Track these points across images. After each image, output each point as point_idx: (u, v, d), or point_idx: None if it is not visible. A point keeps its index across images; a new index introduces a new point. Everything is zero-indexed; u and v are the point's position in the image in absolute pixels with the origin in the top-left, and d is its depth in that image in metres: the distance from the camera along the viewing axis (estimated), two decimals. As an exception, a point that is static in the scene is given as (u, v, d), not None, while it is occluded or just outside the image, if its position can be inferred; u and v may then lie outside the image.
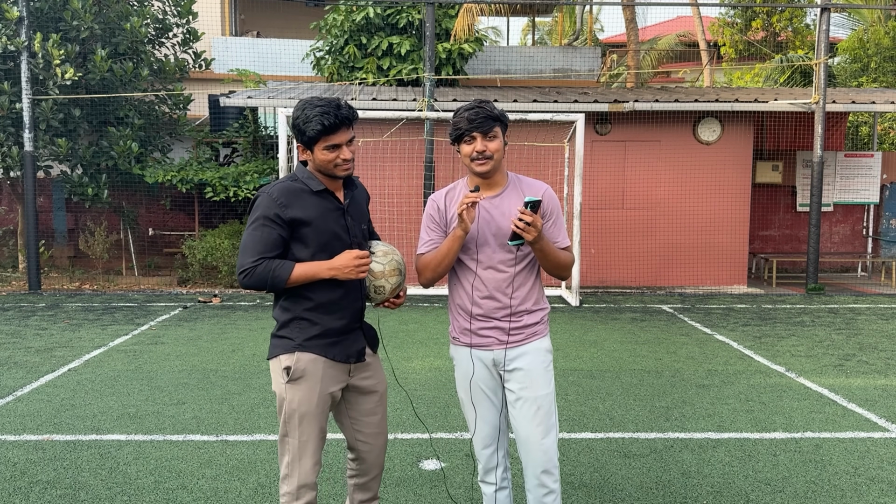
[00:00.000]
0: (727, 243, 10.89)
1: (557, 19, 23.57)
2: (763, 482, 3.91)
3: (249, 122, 12.15)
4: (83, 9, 10.34)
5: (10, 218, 12.50)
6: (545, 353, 2.81)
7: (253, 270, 2.54)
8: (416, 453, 4.29)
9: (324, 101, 2.56)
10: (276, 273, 2.54)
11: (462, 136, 2.69)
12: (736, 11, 19.60)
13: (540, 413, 2.73)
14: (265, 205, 2.57)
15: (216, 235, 10.70)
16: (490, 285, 2.75)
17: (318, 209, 2.62)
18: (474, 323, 2.79)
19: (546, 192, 2.81)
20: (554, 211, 2.80)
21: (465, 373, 2.85)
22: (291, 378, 2.62)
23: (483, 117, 2.66)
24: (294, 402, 2.62)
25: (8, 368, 6.12)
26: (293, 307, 2.65)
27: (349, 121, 2.57)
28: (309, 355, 2.63)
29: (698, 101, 10.40)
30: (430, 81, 10.21)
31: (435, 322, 8.16)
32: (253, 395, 5.41)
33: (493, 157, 2.69)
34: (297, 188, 2.62)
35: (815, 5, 11.42)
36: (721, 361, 6.51)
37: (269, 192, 2.60)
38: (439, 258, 2.73)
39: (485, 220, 2.74)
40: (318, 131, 2.52)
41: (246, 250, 2.57)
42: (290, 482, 2.65)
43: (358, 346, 2.75)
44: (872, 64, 16.83)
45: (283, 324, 2.67)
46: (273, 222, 2.55)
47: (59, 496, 3.69)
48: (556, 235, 2.79)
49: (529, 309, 2.78)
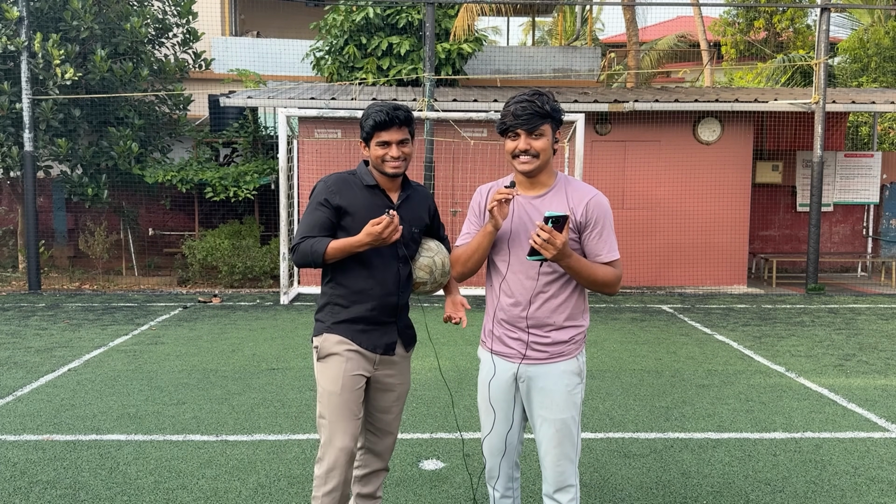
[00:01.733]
0: (727, 243, 10.89)
1: (557, 19, 23.57)
2: (763, 482, 3.91)
3: (249, 122, 12.16)
4: (83, 9, 10.34)
5: (10, 218, 12.50)
6: (571, 375, 2.60)
7: (298, 247, 2.73)
8: (416, 453, 4.29)
9: (385, 102, 2.75)
10: (314, 248, 2.69)
11: (507, 131, 2.52)
12: (738, 11, 19.60)
13: (558, 436, 2.60)
14: (319, 189, 2.79)
15: (216, 235, 10.70)
16: (517, 291, 2.58)
17: (365, 202, 2.77)
18: (500, 328, 2.65)
19: (592, 200, 2.55)
20: (599, 221, 2.54)
21: (484, 377, 2.74)
22: (319, 356, 2.80)
23: (530, 113, 2.46)
24: (322, 380, 2.77)
25: (8, 368, 6.12)
26: (329, 292, 2.84)
27: (402, 121, 2.71)
28: (336, 336, 2.77)
29: (698, 101, 10.40)
30: (429, 81, 10.21)
31: (435, 322, 8.16)
32: (253, 395, 5.41)
33: (539, 156, 2.50)
34: (350, 180, 2.81)
35: (815, 5, 11.41)
36: (721, 361, 6.51)
37: (326, 179, 2.82)
38: (469, 253, 2.62)
39: (522, 221, 2.57)
40: (371, 126, 2.70)
41: (299, 230, 2.79)
42: (321, 464, 2.74)
43: (388, 339, 2.83)
44: (872, 64, 16.82)
45: (321, 307, 2.88)
46: (322, 206, 2.75)
47: (59, 496, 3.69)
48: (599, 249, 2.55)
49: (560, 325, 2.58)
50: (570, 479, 2.64)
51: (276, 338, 7.33)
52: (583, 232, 2.56)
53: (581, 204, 2.55)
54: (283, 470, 4.03)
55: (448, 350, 6.81)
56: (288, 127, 9.47)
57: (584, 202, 2.55)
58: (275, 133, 11.65)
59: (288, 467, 4.07)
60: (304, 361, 6.40)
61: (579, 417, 2.65)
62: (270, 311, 8.87)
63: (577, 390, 2.64)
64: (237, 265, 10.41)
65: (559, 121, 2.55)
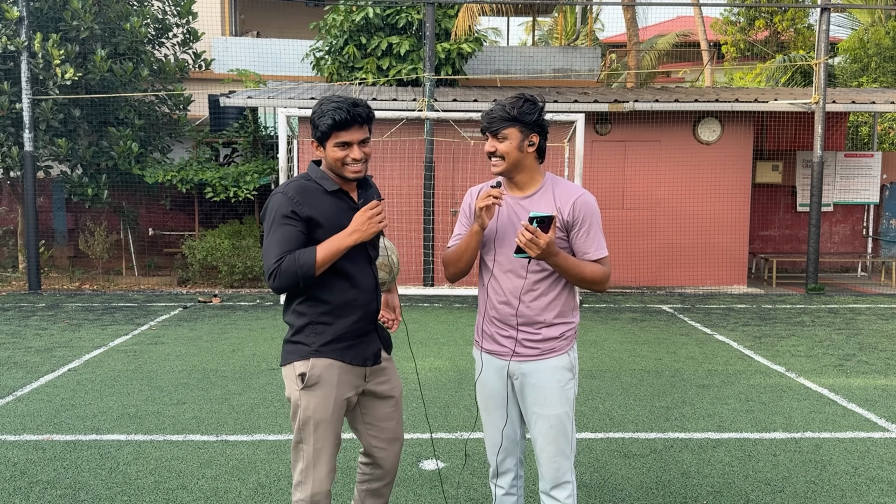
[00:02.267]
0: (727, 243, 10.89)
1: (557, 19, 23.57)
2: (763, 482, 3.91)
3: (249, 122, 12.16)
4: (83, 9, 10.34)
5: (10, 218, 12.50)
6: (563, 371, 2.65)
7: (278, 269, 2.45)
8: (416, 453, 4.29)
9: (341, 98, 2.52)
10: (301, 262, 2.45)
11: (483, 133, 2.66)
12: (739, 10, 19.60)
13: (552, 432, 2.63)
14: (281, 203, 2.51)
15: (216, 235, 10.70)
16: (507, 289, 2.64)
17: (332, 209, 2.56)
18: (491, 327, 2.70)
19: (579, 199, 2.62)
20: (586, 220, 2.61)
21: (481, 378, 2.78)
22: (306, 385, 2.56)
23: (493, 117, 2.59)
24: (309, 408, 2.57)
25: (8, 368, 6.12)
26: (308, 311, 2.58)
27: (363, 119, 2.51)
28: (325, 361, 2.57)
29: (698, 101, 10.40)
30: (429, 81, 10.21)
31: (435, 322, 8.16)
32: (253, 395, 5.41)
33: (504, 158, 2.59)
34: (311, 187, 2.56)
35: (815, 5, 11.41)
36: (721, 361, 6.51)
37: (284, 191, 2.54)
38: (458, 253, 2.67)
39: (509, 221, 2.64)
40: (329, 126, 2.48)
41: (269, 252, 2.49)
42: (303, 489, 2.59)
43: (374, 348, 2.71)
44: (872, 64, 16.82)
45: (298, 329, 2.61)
46: (290, 219, 2.49)
47: (59, 496, 3.69)
48: (587, 247, 2.61)
49: (549, 321, 2.63)
50: (567, 476, 2.68)
51: (276, 338, 7.33)
52: (570, 230, 2.62)
53: (568, 203, 2.62)
54: (283, 470, 4.03)
55: (448, 350, 6.81)
56: (288, 127, 9.47)
57: (571, 201, 2.62)
58: (275, 133, 11.65)
59: (288, 467, 4.06)
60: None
61: (573, 413, 2.69)
62: (270, 311, 8.88)
63: (570, 386, 2.68)
64: (237, 265, 10.42)
65: (531, 125, 2.59)
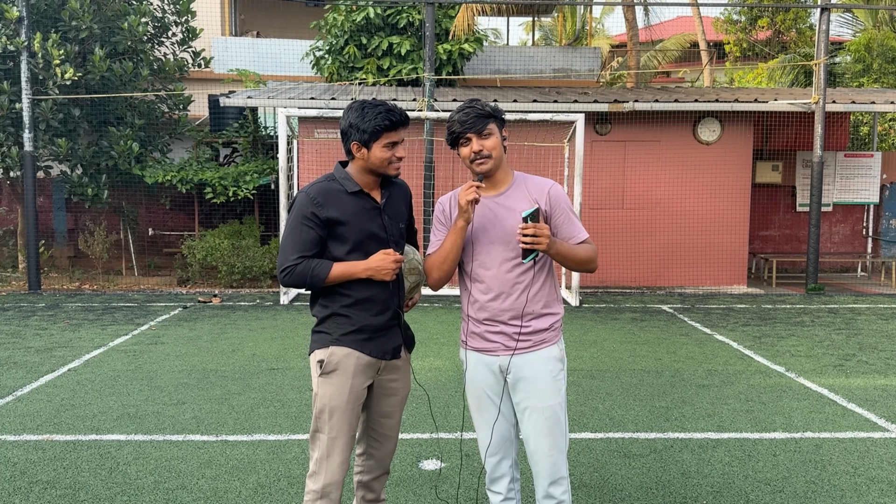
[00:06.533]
0: (727, 243, 10.89)
1: (557, 19, 23.56)
2: (763, 482, 3.91)
3: (249, 122, 12.16)
4: (81, 8, 10.34)
5: (10, 218, 12.50)
6: (554, 361, 2.70)
7: (294, 269, 2.63)
8: (416, 453, 4.29)
9: (381, 102, 2.66)
10: (314, 272, 2.63)
11: (458, 139, 2.65)
12: (741, 9, 19.60)
13: (547, 424, 2.65)
14: (303, 203, 2.66)
15: (216, 235, 10.70)
16: (493, 286, 2.67)
17: (353, 209, 2.68)
18: (480, 326, 2.71)
19: (551, 190, 2.71)
20: (561, 206, 2.70)
21: (471, 377, 2.78)
22: (324, 371, 2.68)
23: (474, 116, 2.61)
24: (326, 396, 2.67)
25: (8, 368, 6.12)
26: (331, 304, 2.72)
27: (407, 121, 2.69)
28: (343, 349, 2.68)
29: (698, 101, 10.40)
30: (429, 81, 10.20)
31: (434, 322, 8.16)
32: (253, 395, 5.41)
33: (492, 155, 2.64)
34: (333, 188, 2.69)
35: (815, 6, 11.41)
36: (721, 361, 6.51)
37: (308, 191, 2.69)
38: (444, 254, 2.68)
39: (488, 220, 2.68)
40: (385, 126, 2.60)
41: (286, 249, 2.66)
42: (316, 479, 2.66)
43: (394, 343, 2.79)
44: (875, 65, 16.81)
45: (322, 319, 2.75)
46: (311, 221, 2.64)
47: (59, 496, 3.69)
48: (571, 231, 2.70)
49: (538, 313, 2.68)
50: (563, 471, 2.69)
51: (276, 338, 7.33)
52: (550, 220, 2.70)
53: (543, 194, 2.70)
54: (283, 470, 4.03)
55: (448, 350, 6.81)
56: (288, 127, 9.47)
57: (546, 192, 2.71)
58: (275, 133, 11.65)
59: (288, 467, 4.07)
60: (303, 361, 6.40)
61: (565, 406, 2.73)
62: (270, 311, 8.87)
63: (561, 376, 2.72)
64: (237, 265, 10.42)
65: (502, 119, 2.71)
